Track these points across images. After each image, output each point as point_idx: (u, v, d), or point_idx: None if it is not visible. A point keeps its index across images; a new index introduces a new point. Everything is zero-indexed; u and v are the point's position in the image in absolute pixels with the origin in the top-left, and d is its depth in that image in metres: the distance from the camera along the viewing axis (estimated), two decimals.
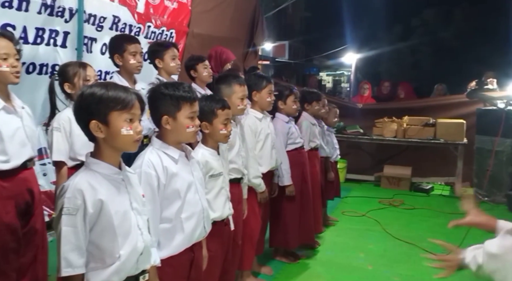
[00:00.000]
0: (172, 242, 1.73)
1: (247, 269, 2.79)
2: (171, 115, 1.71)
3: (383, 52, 14.36)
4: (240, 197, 2.54)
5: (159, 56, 3.07)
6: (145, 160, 1.68)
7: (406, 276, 3.27)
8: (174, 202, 1.72)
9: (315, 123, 3.84)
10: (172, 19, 4.52)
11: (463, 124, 5.73)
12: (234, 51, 5.57)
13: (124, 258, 1.36)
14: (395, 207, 5.19)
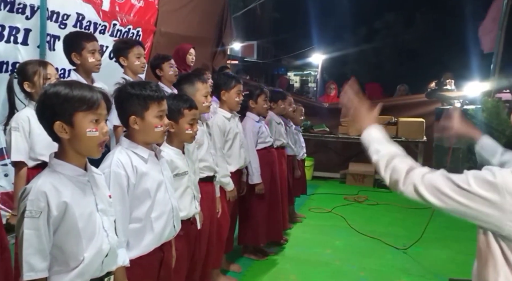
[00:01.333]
0: (142, 242, 1.73)
1: (216, 267, 2.82)
2: (139, 115, 1.70)
3: (349, 53, 14.72)
4: (214, 196, 2.57)
5: (123, 54, 3.01)
6: (114, 160, 1.66)
7: (370, 269, 3.39)
8: (144, 202, 1.72)
9: (280, 122, 3.92)
10: (139, 18, 4.47)
11: (422, 122, 5.99)
12: (203, 50, 5.59)
13: (88, 260, 1.34)
14: (359, 203, 5.36)
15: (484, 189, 1.03)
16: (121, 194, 1.64)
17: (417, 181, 1.14)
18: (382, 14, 14.14)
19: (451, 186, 1.09)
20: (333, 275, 3.30)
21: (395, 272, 3.37)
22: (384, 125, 6.04)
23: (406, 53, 13.64)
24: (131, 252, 1.69)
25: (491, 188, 1.02)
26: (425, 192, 1.13)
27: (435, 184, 1.12)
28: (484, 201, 1.02)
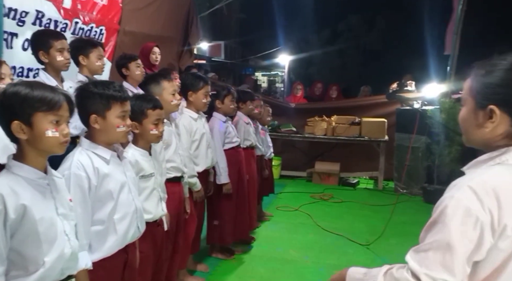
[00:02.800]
0: (105, 244, 1.70)
1: (182, 268, 2.81)
2: (100, 114, 1.68)
3: (314, 55, 14.98)
4: (182, 196, 2.56)
5: (83, 53, 2.94)
6: (74, 162, 1.63)
7: (334, 265, 3.48)
8: (106, 204, 1.70)
9: (249, 122, 3.95)
10: (102, 16, 4.37)
11: (384, 122, 6.19)
12: (168, 50, 5.54)
13: (49, 265, 1.31)
14: (325, 201, 5.48)
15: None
16: (82, 196, 1.62)
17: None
18: (345, 16, 14.49)
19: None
20: (298, 272, 3.36)
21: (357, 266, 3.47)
22: (348, 125, 6.27)
23: (368, 54, 14.05)
24: (94, 254, 1.67)
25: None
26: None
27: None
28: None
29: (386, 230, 3.90)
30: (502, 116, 0.99)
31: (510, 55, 1.01)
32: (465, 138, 1.11)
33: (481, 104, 1.02)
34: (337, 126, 6.37)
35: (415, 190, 5.63)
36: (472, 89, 1.05)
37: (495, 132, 1.01)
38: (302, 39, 15.01)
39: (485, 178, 0.98)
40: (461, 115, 1.09)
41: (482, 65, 1.05)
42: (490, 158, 1.02)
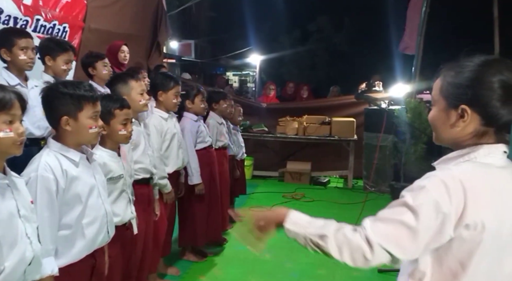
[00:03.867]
0: (72, 249, 1.65)
1: (152, 272, 2.76)
2: (72, 116, 1.63)
3: (285, 55, 15.09)
4: (151, 198, 2.52)
5: (51, 54, 2.86)
6: (41, 163, 1.57)
7: (305, 264, 3.51)
8: (74, 207, 1.65)
9: (222, 122, 3.93)
10: (65, 13, 4.23)
11: (353, 122, 6.31)
12: (137, 48, 5.42)
13: (10, 269, 1.26)
14: (297, 200, 5.52)
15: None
16: (49, 199, 1.56)
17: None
18: (314, 17, 14.66)
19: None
20: (270, 272, 3.37)
21: (329, 265, 3.50)
22: (319, 125, 6.35)
23: (338, 55, 14.28)
24: (60, 260, 1.62)
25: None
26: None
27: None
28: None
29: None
30: (473, 115, 1.02)
31: (477, 57, 1.05)
32: (435, 137, 1.14)
33: (453, 104, 1.05)
34: (308, 125, 6.43)
35: (383, 188, 5.76)
36: (443, 89, 1.08)
37: (466, 131, 1.04)
38: (273, 39, 15.08)
39: (454, 174, 1.01)
40: (432, 115, 1.12)
41: (451, 66, 1.08)
42: (460, 156, 1.05)
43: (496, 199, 1.00)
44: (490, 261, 1.00)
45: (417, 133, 5.03)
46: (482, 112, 1.02)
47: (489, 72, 1.01)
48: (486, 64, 1.02)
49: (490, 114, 1.01)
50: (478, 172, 1.01)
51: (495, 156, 1.03)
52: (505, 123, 1.03)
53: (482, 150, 1.03)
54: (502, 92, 0.99)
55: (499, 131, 1.04)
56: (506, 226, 1.00)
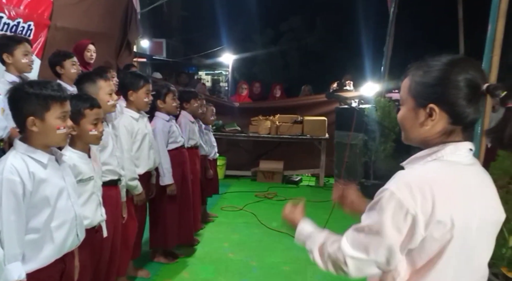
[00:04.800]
0: (40, 253, 1.61)
1: (121, 275, 2.71)
2: (39, 116, 1.59)
3: (257, 54, 15.12)
4: (118, 200, 2.47)
5: (7, 51, 2.79)
6: (7, 166, 1.53)
7: (278, 263, 3.54)
8: (42, 210, 1.61)
9: (194, 121, 3.91)
10: (30, 11, 4.10)
11: (325, 121, 6.41)
12: (106, 47, 5.32)
13: None
14: (269, 199, 5.56)
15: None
16: (16, 202, 1.52)
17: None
18: (287, 17, 14.74)
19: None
20: (243, 271, 3.38)
21: (303, 263, 3.55)
22: (291, 124, 6.41)
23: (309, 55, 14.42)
24: (28, 265, 1.58)
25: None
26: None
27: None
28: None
29: (328, 225, 4.02)
30: (440, 114, 1.04)
31: (444, 56, 1.06)
32: (404, 137, 1.14)
33: (421, 103, 1.06)
34: (280, 125, 6.48)
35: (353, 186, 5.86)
36: (411, 89, 1.09)
37: (434, 130, 1.06)
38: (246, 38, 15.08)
39: (422, 173, 1.03)
40: (401, 114, 1.13)
41: (419, 66, 1.09)
42: (428, 154, 1.07)
43: (464, 196, 1.02)
44: (460, 256, 1.02)
45: (386, 132, 5.15)
46: (449, 110, 1.03)
47: (455, 71, 1.02)
48: (453, 63, 1.04)
49: (457, 112, 1.03)
50: (445, 170, 1.03)
51: (461, 154, 1.05)
52: (472, 121, 1.05)
53: (449, 149, 1.04)
54: (468, 91, 1.01)
55: (466, 129, 1.06)
56: (474, 222, 1.02)
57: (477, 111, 1.04)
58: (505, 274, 2.55)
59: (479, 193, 1.05)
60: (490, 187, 1.10)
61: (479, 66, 1.07)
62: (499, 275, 2.59)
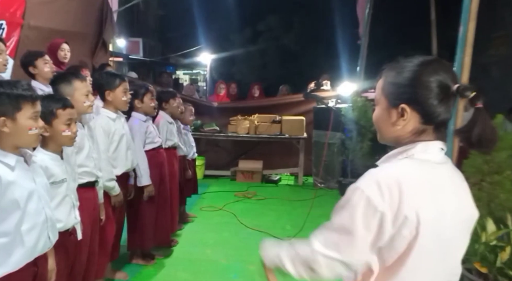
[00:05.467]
0: (10, 258, 1.56)
1: (99, 277, 2.66)
2: (10, 116, 1.54)
3: (236, 54, 15.09)
4: (96, 202, 2.43)
5: None
6: None
7: (257, 263, 3.54)
8: (12, 214, 1.56)
9: (172, 122, 3.88)
10: (2, 9, 3.99)
11: (303, 120, 6.46)
12: (81, 46, 5.21)
13: None
14: (249, 199, 5.57)
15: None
16: None
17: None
18: (264, 17, 14.75)
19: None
20: (222, 272, 3.37)
21: None
22: (270, 123, 6.44)
23: (287, 54, 14.48)
24: None
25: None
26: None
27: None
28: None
29: (306, 223, 4.08)
30: (412, 114, 1.06)
31: (416, 57, 1.09)
32: (379, 136, 1.17)
33: (393, 103, 1.08)
34: (259, 124, 6.50)
35: (332, 184, 5.95)
36: (385, 89, 1.11)
37: (406, 129, 1.07)
38: (224, 38, 15.03)
39: (391, 171, 1.05)
40: (375, 114, 1.15)
41: (392, 67, 1.11)
42: (399, 153, 1.08)
43: (432, 193, 1.03)
44: (432, 254, 1.03)
45: (363, 131, 5.25)
46: (420, 110, 1.05)
47: (426, 72, 1.04)
48: (424, 64, 1.06)
49: (428, 112, 1.05)
50: (415, 168, 1.05)
51: (432, 153, 1.07)
52: (443, 121, 1.07)
53: (419, 147, 1.06)
54: (439, 91, 1.03)
55: (437, 129, 1.08)
56: (445, 220, 1.04)
57: (447, 111, 1.06)
58: (478, 269, 2.63)
59: (450, 191, 1.07)
60: (461, 186, 1.12)
61: (450, 68, 1.09)
62: (473, 270, 2.67)
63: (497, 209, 2.85)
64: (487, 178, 2.92)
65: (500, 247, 2.56)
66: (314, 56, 13.49)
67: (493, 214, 2.83)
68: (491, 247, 2.59)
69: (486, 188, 2.89)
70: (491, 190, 2.88)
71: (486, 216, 2.79)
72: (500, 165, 2.93)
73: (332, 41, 11.97)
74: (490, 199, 2.86)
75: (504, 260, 2.49)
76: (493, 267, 2.53)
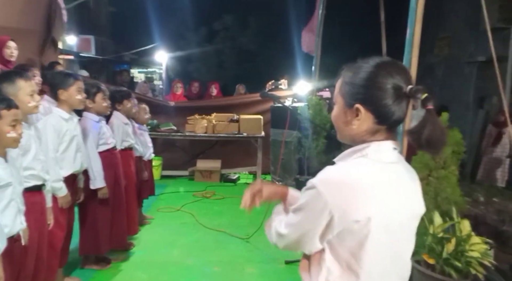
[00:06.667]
0: None
1: None
2: None
3: (192, 52, 14.91)
4: (43, 206, 2.33)
5: None
6: None
7: (216, 262, 3.54)
8: None
9: (127, 122, 3.78)
10: None
11: (260, 119, 6.51)
12: (28, 44, 4.94)
13: None
14: (207, 199, 5.54)
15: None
16: None
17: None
18: (220, 15, 14.65)
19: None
20: (181, 274, 3.34)
21: (239, 261, 3.60)
22: (228, 123, 6.43)
23: (244, 54, 14.47)
24: None
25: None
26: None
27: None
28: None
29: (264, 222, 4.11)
30: (366, 114, 1.08)
31: (372, 58, 1.11)
32: (338, 135, 1.20)
33: (349, 103, 1.11)
34: (217, 123, 6.47)
35: (289, 182, 6.03)
36: (341, 89, 1.14)
37: (361, 129, 1.10)
38: (180, 36, 14.78)
39: (345, 169, 1.08)
40: (333, 113, 1.18)
41: (349, 67, 1.14)
42: (354, 152, 1.11)
43: (384, 193, 1.06)
44: (384, 251, 1.07)
45: (318, 129, 5.35)
46: (374, 110, 1.08)
47: (381, 74, 1.07)
48: (379, 66, 1.09)
49: (382, 113, 1.07)
50: (369, 167, 1.08)
51: (384, 152, 1.10)
52: (396, 121, 1.10)
53: (373, 147, 1.09)
54: (393, 93, 1.06)
55: (390, 129, 1.12)
56: (396, 217, 1.07)
57: (401, 111, 1.09)
58: (426, 261, 2.77)
59: (402, 190, 1.11)
60: (412, 184, 1.16)
61: (405, 69, 1.12)
62: (421, 262, 2.81)
63: (443, 203, 3.01)
64: (434, 173, 3.08)
65: (446, 239, 2.71)
66: (270, 55, 13.60)
67: (440, 207, 2.99)
68: (438, 239, 2.73)
69: (433, 183, 3.05)
70: (437, 184, 3.03)
71: (433, 209, 2.94)
72: (446, 161, 3.09)
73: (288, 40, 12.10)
74: (436, 193, 3.02)
75: (449, 251, 2.64)
76: (440, 258, 2.67)
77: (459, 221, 2.79)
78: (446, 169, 3.08)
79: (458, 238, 2.67)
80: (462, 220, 2.81)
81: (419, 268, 2.77)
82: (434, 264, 2.71)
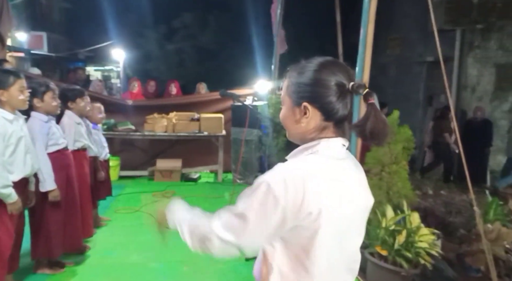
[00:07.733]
0: None
1: None
2: None
3: (151, 51, 14.59)
4: None
5: None
6: None
7: (176, 262, 3.51)
8: None
9: (80, 122, 3.66)
10: None
11: (221, 118, 6.49)
12: None
13: None
14: (167, 199, 5.44)
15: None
16: None
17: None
18: (179, 13, 14.43)
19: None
20: (140, 275, 3.28)
21: (203, 259, 3.57)
22: (188, 121, 6.37)
23: (204, 52, 14.33)
24: None
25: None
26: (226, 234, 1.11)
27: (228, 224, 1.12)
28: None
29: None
30: (313, 111, 1.11)
31: (315, 58, 1.16)
32: (287, 134, 1.22)
33: (297, 102, 1.14)
34: (177, 122, 6.39)
35: (250, 180, 6.07)
36: (289, 89, 1.17)
37: (309, 126, 1.13)
38: (137, 34, 14.41)
39: (297, 166, 1.10)
40: (282, 113, 1.20)
41: (295, 67, 1.18)
42: (305, 149, 1.14)
43: (334, 188, 1.09)
44: (333, 245, 1.10)
45: (278, 127, 5.42)
46: (320, 108, 1.12)
47: (325, 72, 1.12)
48: (323, 65, 1.14)
49: (327, 109, 1.12)
50: (320, 164, 1.11)
51: (334, 149, 1.14)
52: (342, 117, 1.14)
53: (322, 144, 1.13)
54: (336, 89, 1.11)
55: (337, 125, 1.15)
56: (344, 212, 1.09)
57: (345, 107, 1.13)
58: (379, 253, 2.88)
59: (351, 184, 1.15)
60: (359, 178, 1.21)
61: (346, 67, 1.16)
62: (375, 253, 2.92)
63: (395, 197, 3.14)
64: (386, 168, 3.21)
65: (398, 231, 2.83)
66: (231, 54, 13.56)
67: (392, 201, 3.12)
68: (390, 231, 2.85)
69: (386, 178, 3.18)
70: (389, 179, 3.16)
71: (386, 203, 3.07)
72: (397, 156, 3.23)
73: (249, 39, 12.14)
74: (389, 187, 3.15)
75: (401, 242, 2.76)
76: (392, 250, 2.79)
77: (409, 214, 2.92)
78: (398, 164, 3.21)
79: (409, 230, 2.80)
80: (412, 213, 2.94)
81: (372, 260, 2.87)
82: (386, 256, 2.83)
